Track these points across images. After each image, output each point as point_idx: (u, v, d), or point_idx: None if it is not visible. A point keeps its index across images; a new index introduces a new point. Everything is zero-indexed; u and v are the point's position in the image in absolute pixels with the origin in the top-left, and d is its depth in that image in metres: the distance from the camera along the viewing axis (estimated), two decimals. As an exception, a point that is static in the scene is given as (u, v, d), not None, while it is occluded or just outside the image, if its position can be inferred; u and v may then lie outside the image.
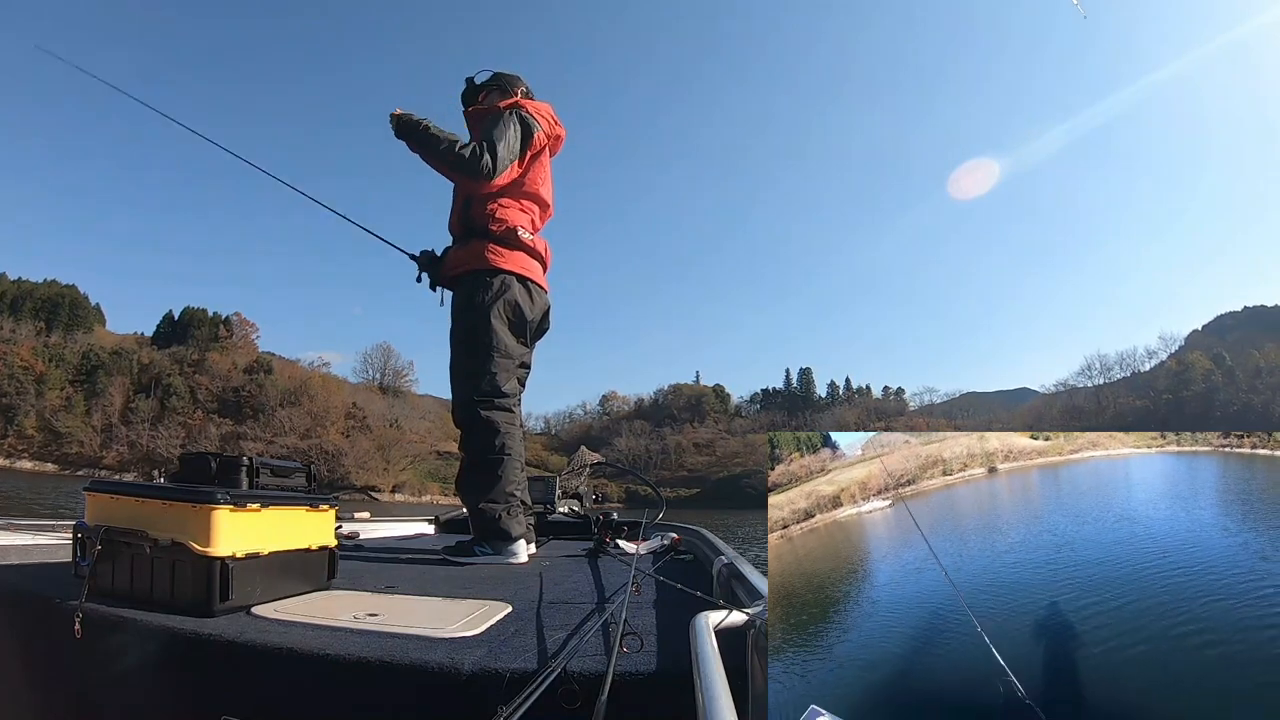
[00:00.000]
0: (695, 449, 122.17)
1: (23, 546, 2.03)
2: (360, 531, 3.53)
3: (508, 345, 2.79)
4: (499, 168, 2.72)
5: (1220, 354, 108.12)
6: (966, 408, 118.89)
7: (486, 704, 0.99)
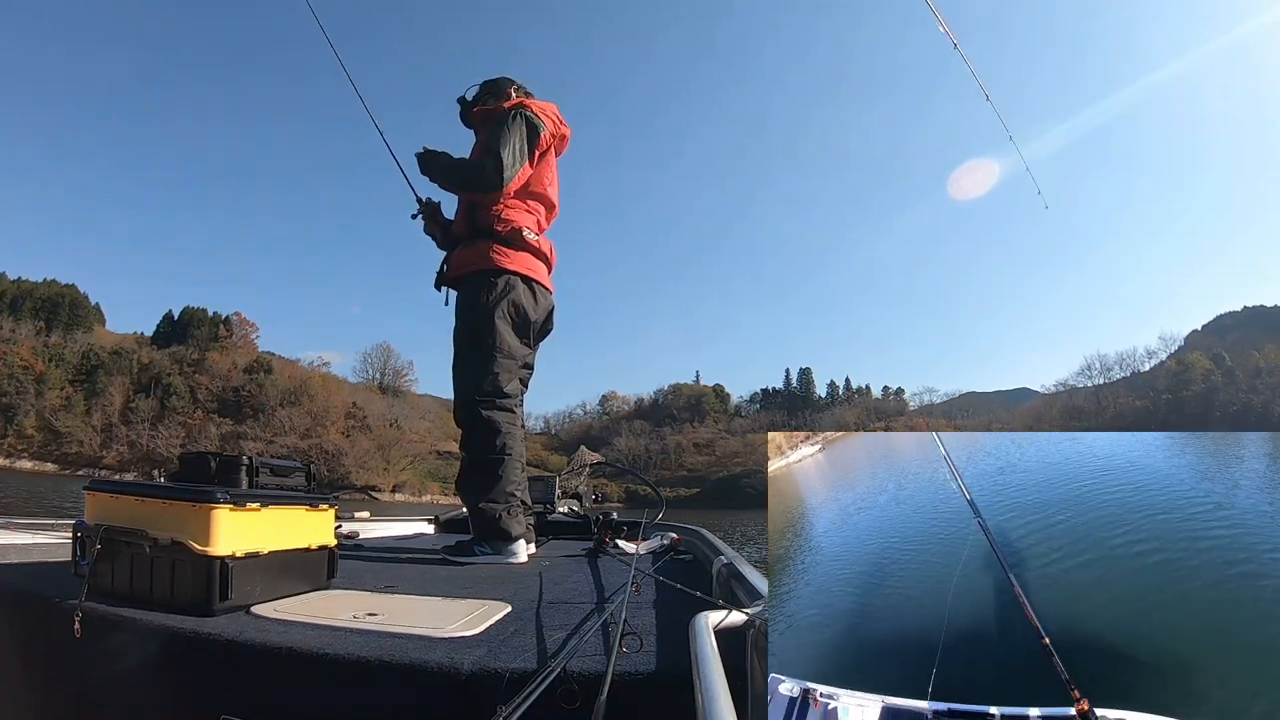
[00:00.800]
0: (695, 449, 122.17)
1: (22, 546, 2.03)
2: (360, 531, 3.53)
3: (510, 346, 2.79)
4: (508, 176, 2.75)
5: (1220, 354, 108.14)
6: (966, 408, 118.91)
7: (486, 704, 0.99)
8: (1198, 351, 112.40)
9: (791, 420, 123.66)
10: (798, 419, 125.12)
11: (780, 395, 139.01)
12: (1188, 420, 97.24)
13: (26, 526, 2.24)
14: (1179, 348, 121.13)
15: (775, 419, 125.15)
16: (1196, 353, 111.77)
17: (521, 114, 2.86)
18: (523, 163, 2.81)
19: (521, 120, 2.84)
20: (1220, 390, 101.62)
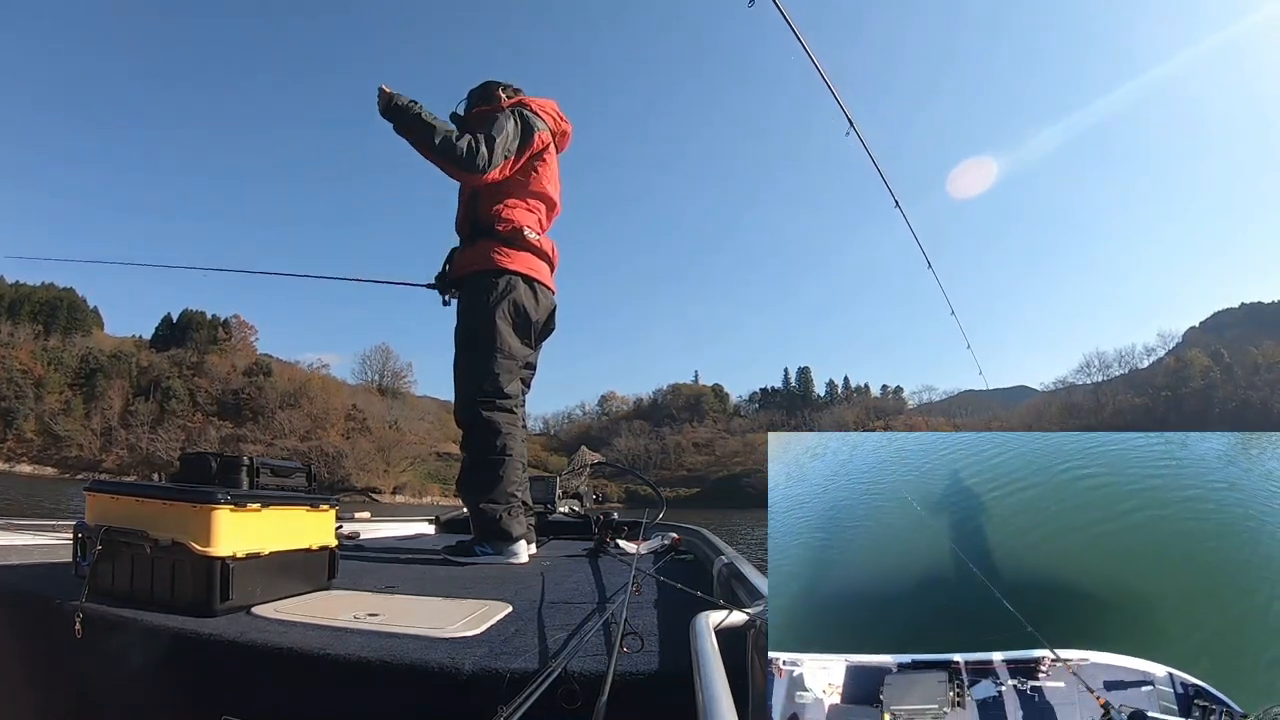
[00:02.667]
0: (695, 449, 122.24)
1: (23, 546, 2.03)
2: (360, 531, 3.53)
3: (511, 346, 2.78)
4: (494, 161, 2.65)
5: (1219, 351, 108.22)
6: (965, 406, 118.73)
7: (487, 704, 0.99)
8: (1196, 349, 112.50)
9: (791, 420, 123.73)
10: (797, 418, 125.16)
11: (779, 395, 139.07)
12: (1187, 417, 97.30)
13: (28, 527, 2.24)
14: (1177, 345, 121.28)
15: (774, 419, 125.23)
16: (1195, 350, 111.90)
17: (518, 112, 2.84)
18: (510, 156, 2.73)
19: (516, 116, 2.81)
20: (1219, 387, 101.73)
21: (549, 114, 2.96)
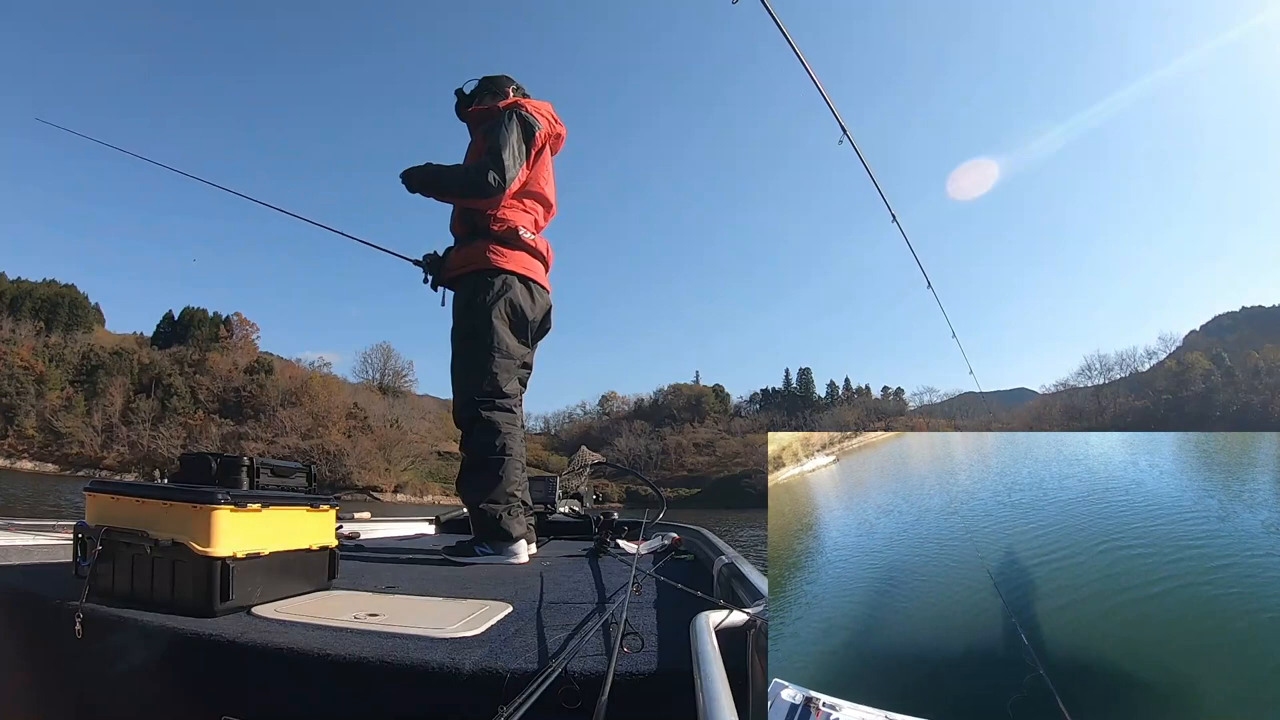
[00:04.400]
0: (695, 449, 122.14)
1: (23, 546, 2.03)
2: (361, 531, 3.53)
3: (508, 345, 2.79)
4: (509, 179, 2.74)
5: (1219, 354, 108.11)
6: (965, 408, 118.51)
7: (487, 704, 0.99)
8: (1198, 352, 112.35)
9: (791, 420, 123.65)
10: (797, 419, 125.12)
11: (780, 395, 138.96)
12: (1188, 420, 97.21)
13: (28, 528, 2.25)
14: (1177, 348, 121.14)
15: (775, 419, 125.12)
16: (1197, 353, 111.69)
17: (516, 113, 2.86)
18: (522, 164, 2.81)
19: (517, 120, 2.84)
20: (1220, 390, 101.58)
21: (544, 116, 2.97)
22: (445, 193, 2.89)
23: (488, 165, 2.72)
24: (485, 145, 2.80)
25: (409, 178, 2.85)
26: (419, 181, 2.85)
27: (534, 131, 2.86)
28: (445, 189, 2.87)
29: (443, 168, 2.85)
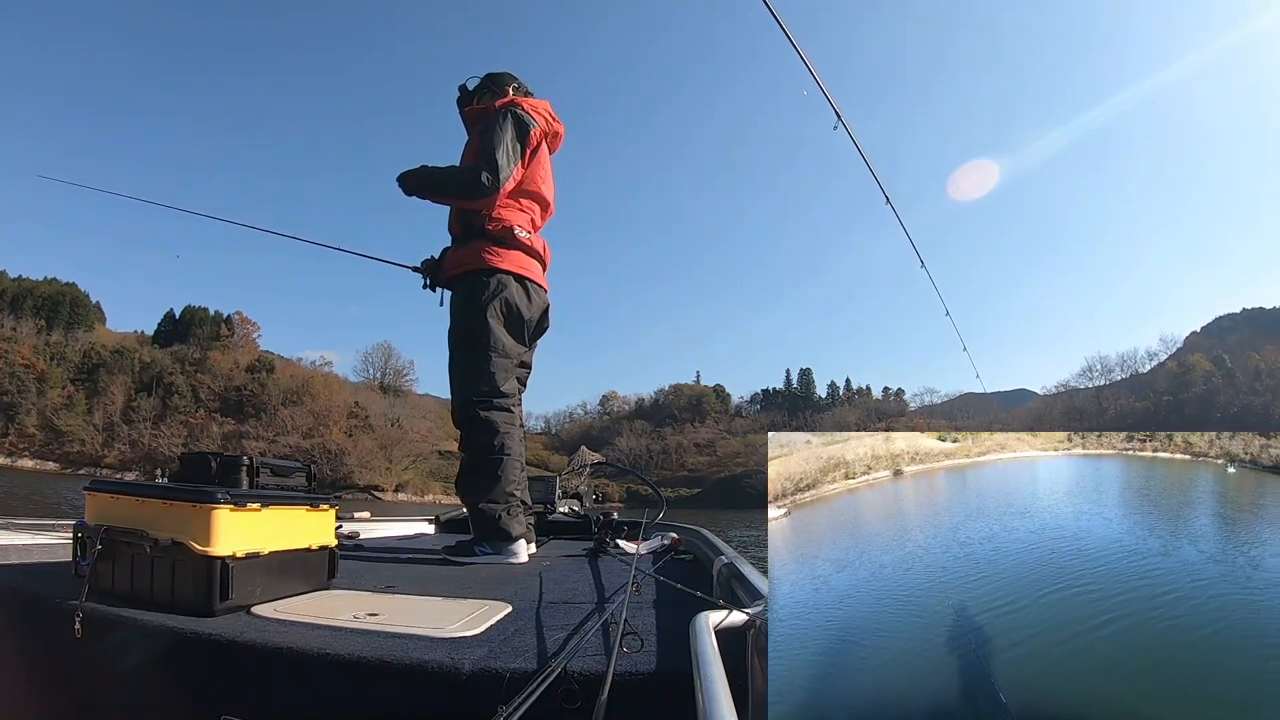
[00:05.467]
0: (696, 449, 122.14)
1: (23, 546, 2.03)
2: (360, 531, 3.54)
3: (505, 345, 2.79)
4: (502, 178, 2.75)
5: (1220, 356, 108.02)
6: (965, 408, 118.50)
7: (487, 704, 0.99)
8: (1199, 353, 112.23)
9: (792, 421, 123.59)
10: (798, 419, 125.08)
11: (781, 395, 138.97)
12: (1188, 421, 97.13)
13: (27, 527, 2.25)
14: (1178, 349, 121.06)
15: (776, 419, 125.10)
16: (1197, 354, 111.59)
17: (511, 112, 2.87)
18: (517, 163, 2.82)
19: (511, 119, 2.84)
20: (1220, 391, 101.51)
21: (541, 114, 2.98)
22: (440, 194, 2.90)
23: (481, 165, 2.73)
24: (480, 145, 2.81)
25: (404, 181, 2.87)
26: (414, 184, 2.86)
27: (529, 130, 2.86)
28: (440, 190, 2.88)
29: (437, 169, 2.86)
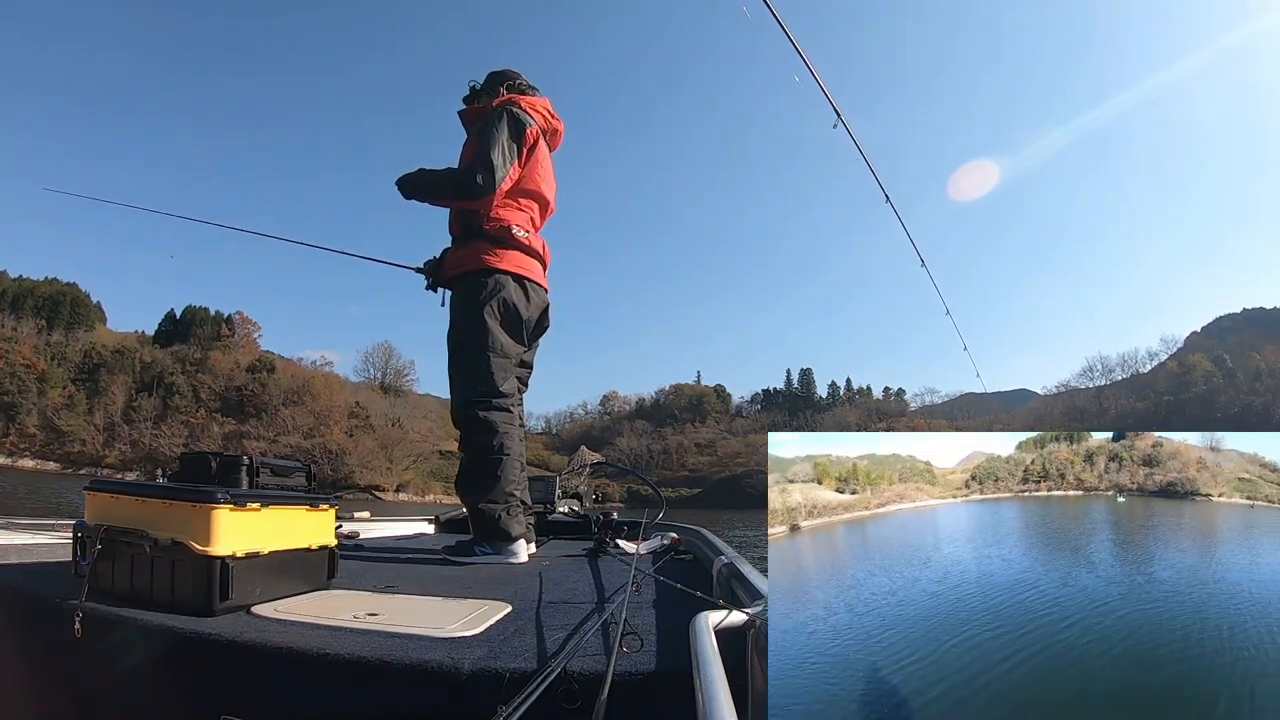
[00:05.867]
0: (697, 449, 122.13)
1: (22, 546, 2.03)
2: (360, 531, 3.53)
3: (503, 344, 2.79)
4: (498, 178, 2.75)
5: (1221, 356, 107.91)
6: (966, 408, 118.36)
7: (486, 704, 0.99)
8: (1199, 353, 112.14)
9: (793, 421, 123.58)
10: (799, 420, 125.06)
11: (781, 396, 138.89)
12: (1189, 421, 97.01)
13: (27, 526, 2.25)
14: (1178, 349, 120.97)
15: (776, 420, 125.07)
16: (1198, 354, 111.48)
17: (507, 111, 2.87)
18: (513, 162, 2.82)
19: (507, 118, 2.84)
20: (1221, 392, 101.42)
21: (539, 112, 2.98)
22: (437, 196, 2.91)
23: (476, 166, 2.74)
24: (476, 145, 2.81)
25: (402, 185, 2.88)
26: (411, 187, 2.87)
27: (524, 128, 2.86)
28: (437, 193, 2.89)
29: (434, 172, 2.86)
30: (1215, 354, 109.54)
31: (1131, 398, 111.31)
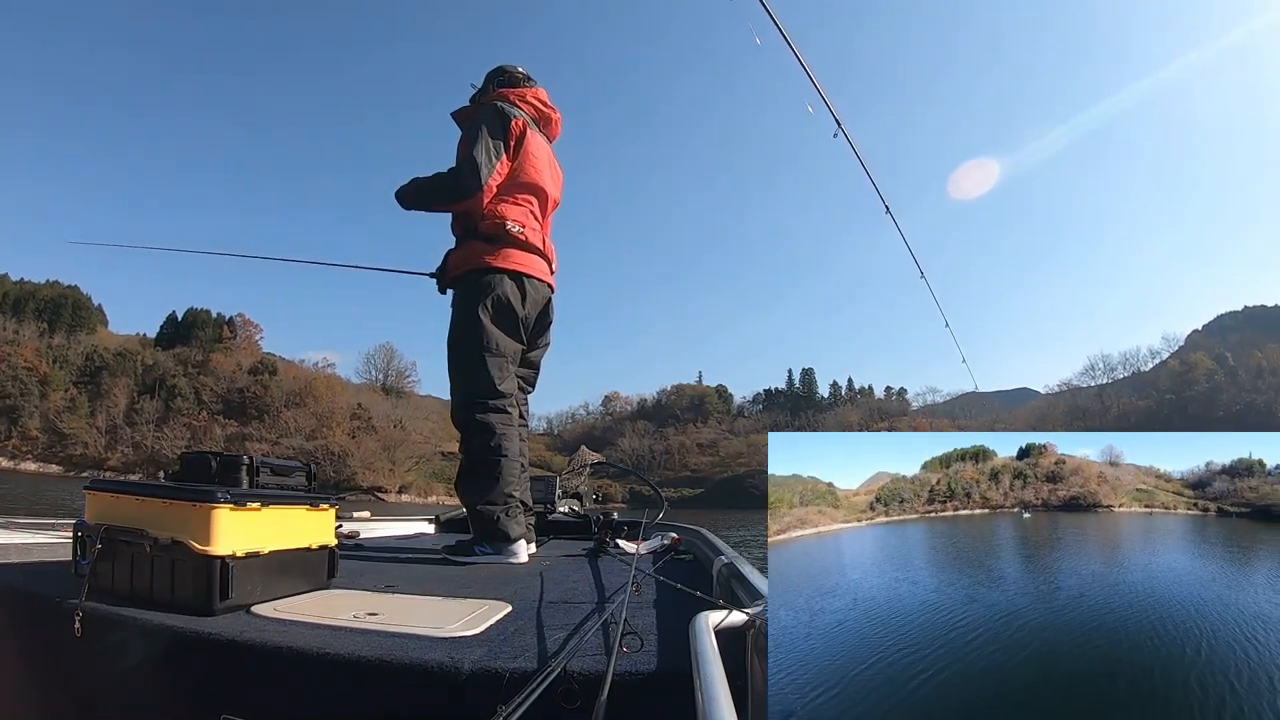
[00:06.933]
0: (699, 449, 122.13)
1: (23, 545, 2.03)
2: (360, 531, 3.53)
3: (500, 343, 2.76)
4: (483, 175, 2.72)
5: (1222, 354, 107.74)
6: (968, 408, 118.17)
7: (486, 704, 0.99)
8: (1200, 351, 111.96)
9: (795, 421, 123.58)
10: (801, 420, 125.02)
11: (783, 396, 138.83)
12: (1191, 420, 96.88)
13: (27, 526, 2.25)
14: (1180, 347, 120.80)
15: (778, 420, 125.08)
16: (1200, 353, 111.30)
17: (492, 107, 2.86)
18: (499, 157, 2.78)
19: (490, 114, 2.83)
20: (1223, 390, 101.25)
21: (529, 102, 2.96)
22: (431, 203, 2.89)
23: (459, 166, 2.73)
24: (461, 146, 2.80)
25: (400, 198, 2.88)
26: (407, 199, 2.87)
27: (508, 121, 2.83)
28: (429, 199, 2.88)
29: (423, 179, 2.85)
30: (1217, 352, 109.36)
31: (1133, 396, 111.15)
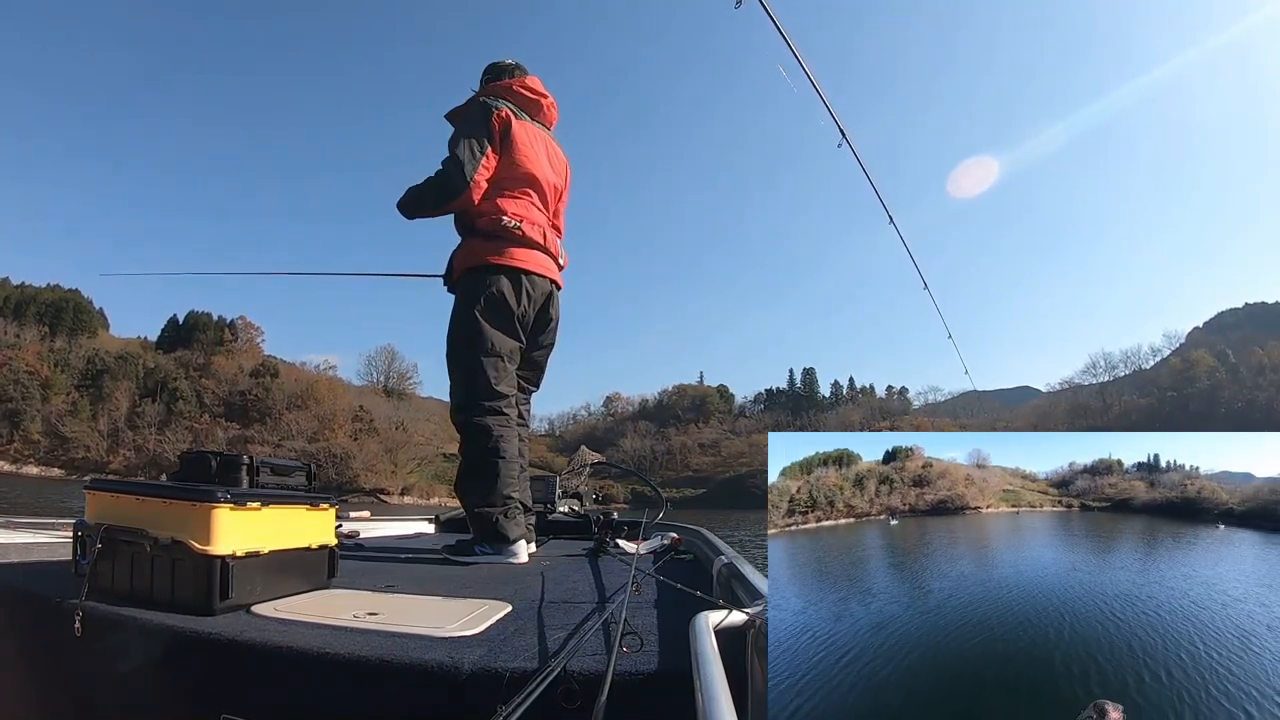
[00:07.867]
0: (700, 449, 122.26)
1: (23, 545, 2.03)
2: (360, 530, 3.53)
3: (495, 343, 2.72)
4: (467, 171, 2.67)
5: (1223, 351, 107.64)
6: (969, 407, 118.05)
7: (486, 704, 0.99)
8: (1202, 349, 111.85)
9: (796, 421, 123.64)
10: (802, 419, 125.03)
11: (784, 396, 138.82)
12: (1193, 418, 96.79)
13: (27, 526, 2.25)
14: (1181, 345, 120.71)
15: (779, 419, 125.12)
16: (1200, 350, 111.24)
17: (475, 103, 2.84)
18: (483, 152, 2.73)
19: (472, 110, 2.81)
20: (1224, 387, 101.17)
21: (515, 91, 2.92)
22: (427, 208, 2.82)
23: (446, 166, 2.69)
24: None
25: (401, 209, 2.83)
26: (406, 208, 2.82)
27: (489, 113, 2.78)
28: (424, 204, 2.80)
29: (416, 186, 2.79)
30: (1218, 349, 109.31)
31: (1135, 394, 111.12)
